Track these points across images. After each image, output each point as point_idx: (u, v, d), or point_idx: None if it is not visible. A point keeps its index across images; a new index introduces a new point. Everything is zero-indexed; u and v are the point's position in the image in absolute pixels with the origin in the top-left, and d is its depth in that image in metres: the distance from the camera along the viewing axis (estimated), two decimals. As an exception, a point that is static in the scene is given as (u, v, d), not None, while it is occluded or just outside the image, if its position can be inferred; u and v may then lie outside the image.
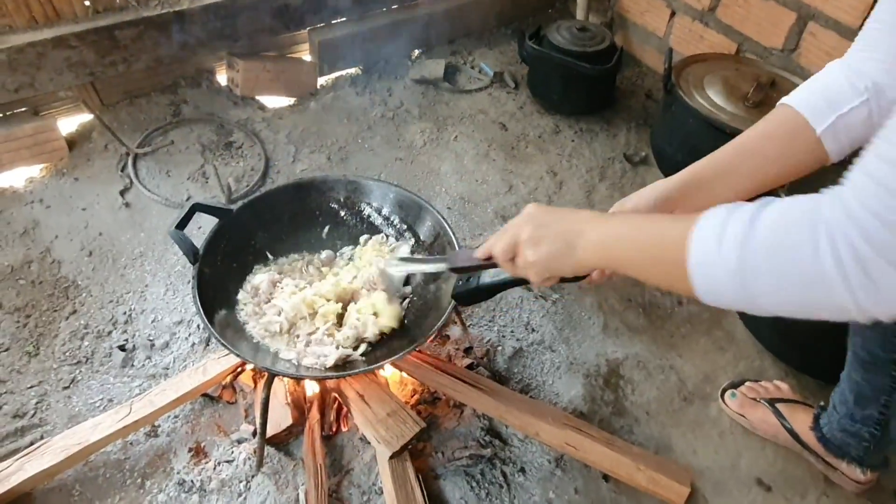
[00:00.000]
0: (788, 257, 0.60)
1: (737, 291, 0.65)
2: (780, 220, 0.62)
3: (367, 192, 1.51)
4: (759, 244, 0.62)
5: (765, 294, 0.63)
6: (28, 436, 1.39)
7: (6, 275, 1.68)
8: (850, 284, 0.56)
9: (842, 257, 0.56)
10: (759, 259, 0.62)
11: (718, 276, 0.66)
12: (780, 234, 0.61)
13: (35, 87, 1.88)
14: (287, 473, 1.36)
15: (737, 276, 0.63)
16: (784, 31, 2.10)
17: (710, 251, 0.66)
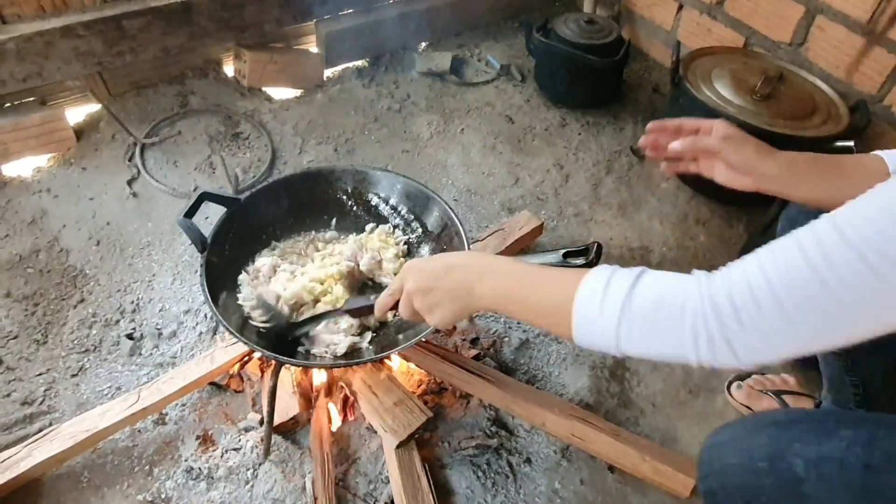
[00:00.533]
0: (659, 329, 0.72)
1: (611, 347, 0.76)
2: (654, 294, 0.73)
3: (374, 182, 1.51)
4: (635, 314, 0.73)
5: (633, 352, 0.75)
6: (36, 423, 1.40)
7: (14, 263, 1.69)
8: (701, 358, 0.70)
9: (699, 341, 0.69)
10: (633, 327, 0.73)
11: (598, 334, 0.76)
12: (654, 307, 0.72)
13: (43, 77, 1.89)
14: (294, 462, 1.36)
15: (612, 337, 0.75)
16: (792, 24, 2.09)
17: (592, 315, 0.76)
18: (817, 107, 1.87)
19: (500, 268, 0.89)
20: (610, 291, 0.75)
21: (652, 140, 1.14)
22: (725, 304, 0.67)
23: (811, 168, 1.03)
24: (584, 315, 0.77)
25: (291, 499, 1.31)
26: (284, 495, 1.31)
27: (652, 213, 2.02)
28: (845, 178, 1.01)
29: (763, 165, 1.03)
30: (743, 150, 1.04)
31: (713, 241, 1.95)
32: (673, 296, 0.71)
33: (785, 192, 1.04)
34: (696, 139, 1.08)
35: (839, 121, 1.84)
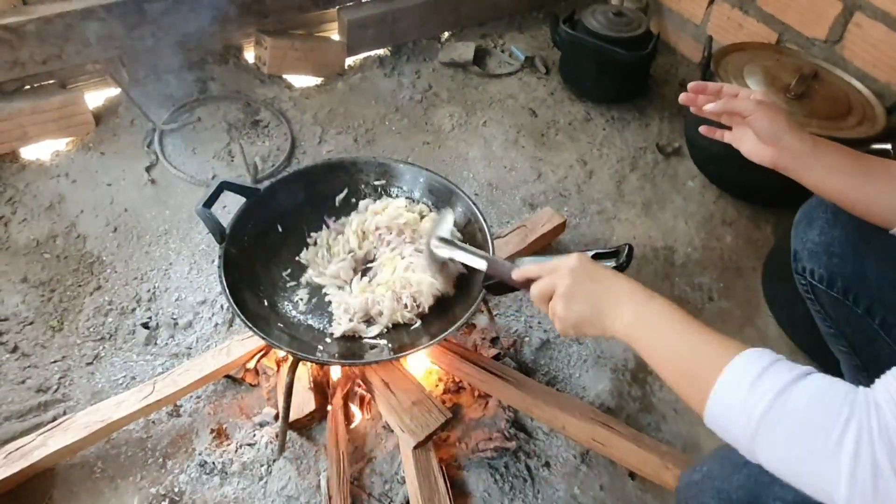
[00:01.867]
0: (810, 434, 0.62)
1: (745, 437, 0.66)
2: (817, 396, 0.63)
3: (397, 175, 1.48)
4: (788, 410, 0.63)
5: (768, 452, 0.65)
6: (51, 411, 1.39)
7: (31, 248, 1.67)
8: (854, 488, 0.58)
9: (860, 462, 0.58)
10: (782, 423, 0.63)
11: (735, 417, 0.67)
12: (812, 410, 0.63)
13: (63, 60, 1.86)
14: (309, 459, 1.34)
15: (753, 427, 0.65)
16: (828, 21, 2.03)
17: (738, 394, 0.67)
18: (852, 107, 1.81)
19: (657, 304, 0.83)
20: (768, 375, 0.66)
21: (690, 99, 1.12)
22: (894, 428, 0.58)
23: (836, 156, 1.00)
24: (725, 395, 0.69)
25: (306, 496, 1.29)
26: (299, 493, 1.29)
27: (677, 212, 1.97)
28: (871, 178, 0.98)
29: (789, 137, 1.01)
30: (774, 118, 1.02)
31: (740, 242, 1.90)
32: (839, 403, 0.62)
33: (803, 173, 1.02)
34: (730, 100, 1.06)
35: (875, 122, 1.78)
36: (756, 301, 1.76)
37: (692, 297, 1.75)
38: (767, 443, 0.65)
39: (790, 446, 0.63)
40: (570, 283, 0.89)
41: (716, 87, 1.10)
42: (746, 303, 1.76)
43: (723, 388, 0.69)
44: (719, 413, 0.69)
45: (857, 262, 1.13)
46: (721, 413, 0.69)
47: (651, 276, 1.79)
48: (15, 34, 1.74)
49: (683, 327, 0.78)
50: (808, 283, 1.21)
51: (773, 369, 0.66)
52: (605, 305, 0.86)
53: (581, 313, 0.88)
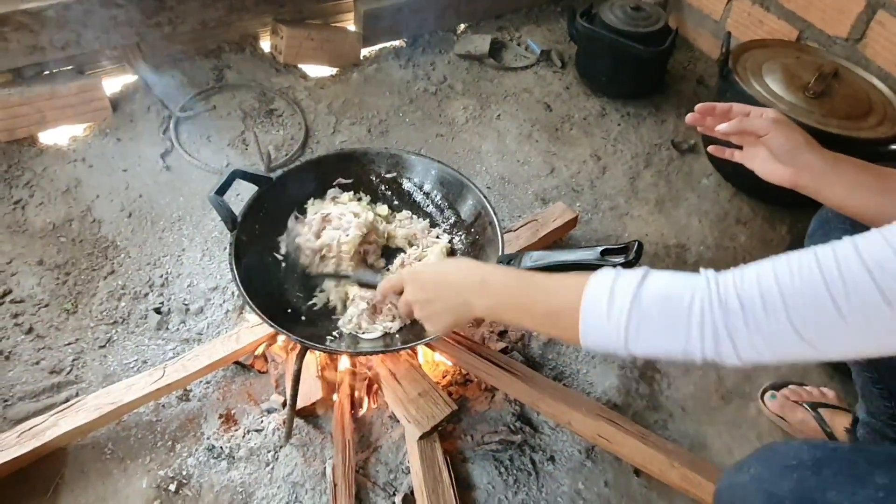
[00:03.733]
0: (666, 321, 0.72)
1: (619, 346, 0.75)
2: (661, 289, 0.74)
3: (409, 166, 1.48)
4: (643, 310, 0.73)
5: (641, 349, 0.75)
6: (63, 392, 1.41)
7: (48, 231, 1.70)
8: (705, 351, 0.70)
9: (704, 326, 0.69)
10: (642, 323, 0.73)
11: (606, 335, 0.76)
12: (661, 302, 0.73)
13: (81, 45, 1.88)
14: (315, 446, 1.35)
15: (622, 336, 0.74)
16: (850, 19, 2.00)
17: (600, 315, 0.76)
18: (873, 107, 1.79)
19: (497, 279, 0.90)
20: (617, 292, 0.75)
21: (698, 120, 1.12)
22: (734, 303, 0.68)
23: (854, 172, 0.99)
24: (591, 317, 0.77)
25: (311, 483, 1.30)
26: (304, 479, 1.30)
27: (691, 210, 1.96)
28: (886, 192, 0.96)
29: (807, 156, 1.00)
30: (790, 137, 1.01)
31: (754, 242, 1.88)
32: (681, 292, 0.72)
33: (821, 190, 1.00)
34: (745, 119, 1.04)
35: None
36: (768, 301, 1.74)
37: (703, 296, 1.74)
38: (636, 345, 0.74)
39: (654, 340, 0.73)
40: (413, 289, 0.98)
41: (724, 108, 1.08)
42: (758, 303, 1.74)
43: (586, 317, 0.77)
44: (592, 337, 0.77)
45: None
46: (593, 337, 0.77)
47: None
48: (35, 19, 1.76)
49: (532, 287, 0.86)
50: None
51: (618, 282, 0.75)
52: (459, 309, 0.92)
53: (445, 324, 0.97)
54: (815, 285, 0.65)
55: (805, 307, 0.65)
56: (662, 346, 0.73)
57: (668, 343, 0.73)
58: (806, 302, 0.65)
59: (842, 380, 1.55)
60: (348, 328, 1.27)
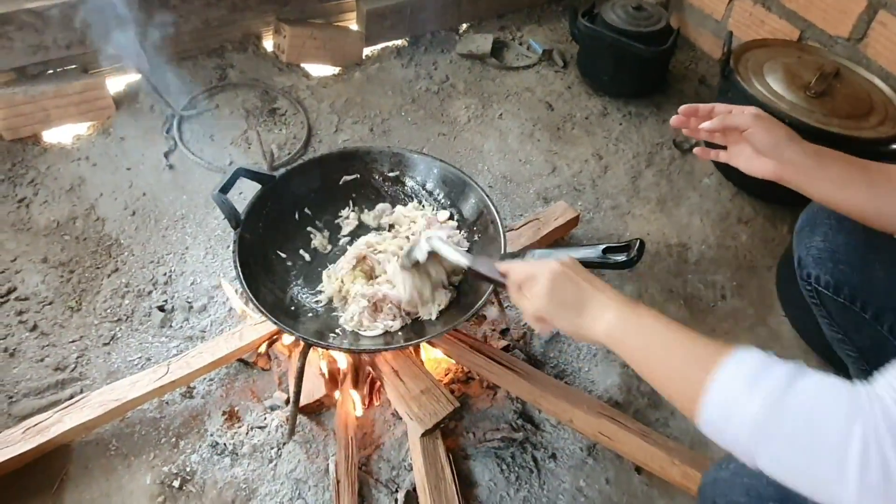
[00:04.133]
0: (815, 435, 0.59)
1: (743, 443, 0.64)
2: (819, 393, 0.61)
3: (411, 165, 1.49)
4: (791, 410, 0.61)
5: (770, 457, 0.62)
6: (68, 389, 1.42)
7: (52, 230, 1.71)
8: (862, 487, 0.56)
9: (869, 460, 0.55)
10: (783, 427, 0.61)
11: (734, 419, 0.64)
12: (816, 408, 0.60)
13: (85, 44, 1.89)
14: (318, 443, 1.36)
15: (755, 429, 0.62)
16: (852, 18, 2.00)
17: (733, 397, 0.64)
18: (874, 107, 1.79)
19: (639, 309, 0.80)
20: (767, 376, 0.64)
21: (682, 122, 1.13)
22: None
23: (837, 165, 1.00)
24: (719, 398, 0.66)
25: (314, 480, 1.31)
26: (307, 476, 1.31)
27: (692, 209, 1.96)
28: (871, 186, 0.98)
29: (789, 149, 1.00)
30: (772, 131, 1.01)
31: (755, 241, 1.89)
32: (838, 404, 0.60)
33: (805, 184, 1.01)
34: (727, 115, 1.06)
35: (897, 122, 1.76)
36: (770, 301, 1.75)
37: (705, 295, 1.75)
38: (769, 448, 0.62)
39: (794, 450, 0.61)
40: (559, 269, 0.86)
41: (707, 108, 1.09)
42: (760, 302, 1.75)
43: (717, 391, 0.66)
44: (714, 418, 0.67)
45: (863, 267, 1.13)
46: (716, 418, 0.66)
47: (664, 273, 1.78)
48: (39, 18, 1.77)
49: (670, 330, 0.76)
50: (814, 289, 1.21)
51: (767, 369, 0.64)
52: (587, 300, 0.83)
53: (562, 300, 0.85)
54: None
55: None
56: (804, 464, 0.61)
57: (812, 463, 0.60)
58: None
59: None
60: (350, 326, 1.28)
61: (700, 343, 0.72)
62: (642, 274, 1.76)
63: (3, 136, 1.87)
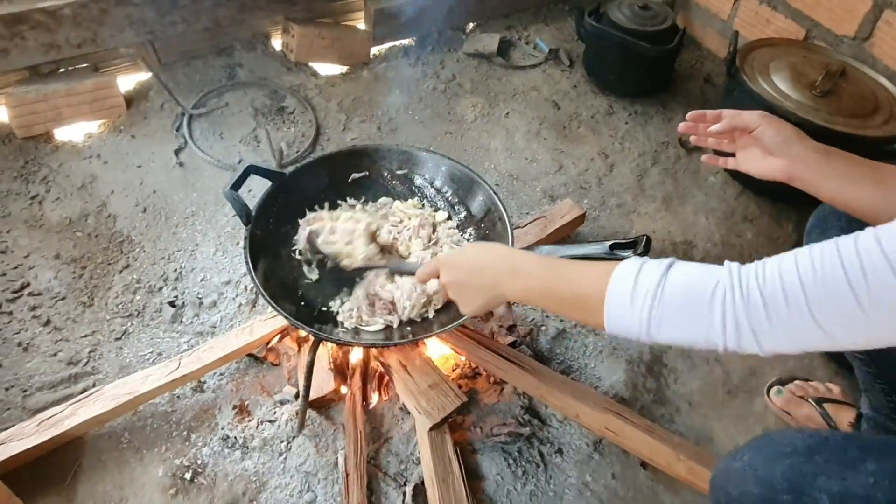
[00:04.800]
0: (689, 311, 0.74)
1: (642, 333, 0.78)
2: (684, 279, 0.76)
3: (419, 163, 1.50)
4: (666, 299, 0.75)
5: (664, 336, 0.77)
6: (81, 383, 1.44)
7: (64, 226, 1.73)
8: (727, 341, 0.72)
9: (727, 321, 0.71)
10: (665, 312, 0.75)
11: (630, 322, 0.78)
12: (685, 292, 0.75)
13: (97, 44, 1.91)
14: (327, 437, 1.38)
15: (645, 323, 0.77)
16: (858, 18, 2.01)
17: (624, 302, 0.78)
18: (880, 105, 1.80)
19: (528, 265, 0.92)
20: (641, 279, 0.77)
21: (690, 127, 1.15)
22: (756, 295, 0.70)
23: (846, 164, 1.01)
24: (615, 303, 0.79)
25: (323, 473, 1.32)
26: (317, 469, 1.33)
27: (698, 208, 1.97)
28: (881, 184, 0.98)
29: (798, 147, 1.02)
30: (780, 129, 1.04)
31: (761, 239, 1.89)
32: (704, 283, 0.74)
33: (814, 180, 1.02)
34: (735, 116, 1.08)
35: (903, 121, 1.76)
36: (774, 298, 1.76)
37: (710, 292, 1.76)
38: (659, 332, 0.76)
39: (676, 328, 0.75)
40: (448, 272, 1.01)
41: (714, 114, 1.11)
42: (765, 299, 1.75)
43: (610, 303, 0.79)
44: (616, 323, 0.80)
45: None
46: (617, 323, 0.79)
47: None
48: (52, 17, 1.79)
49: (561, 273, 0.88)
50: None
51: (643, 270, 0.78)
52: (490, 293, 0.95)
53: (476, 306, 0.99)
54: (836, 278, 0.66)
55: (826, 300, 0.66)
56: (684, 335, 0.75)
57: (689, 333, 0.74)
58: (827, 295, 0.66)
59: (847, 376, 1.56)
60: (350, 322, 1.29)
61: (590, 269, 0.85)
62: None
63: (16, 134, 1.89)
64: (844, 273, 0.65)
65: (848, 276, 0.65)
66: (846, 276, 0.65)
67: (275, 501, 1.29)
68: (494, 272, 0.94)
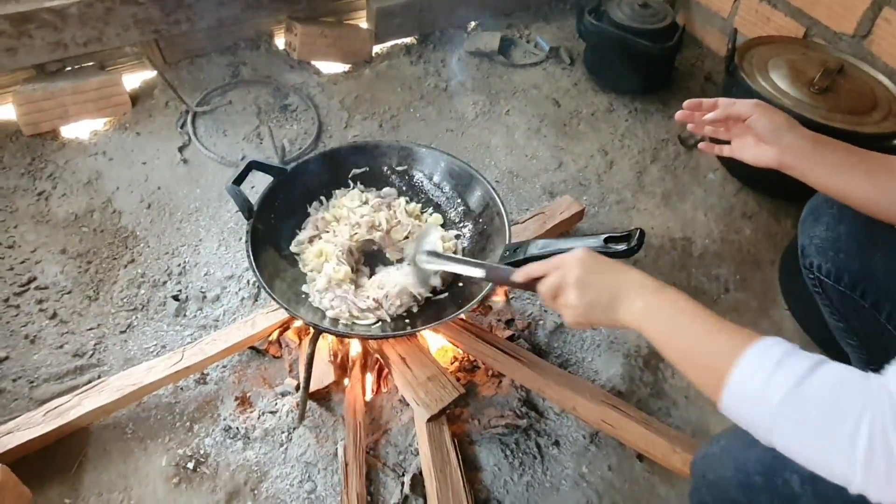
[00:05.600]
0: (827, 423, 0.63)
1: (762, 426, 0.68)
2: (833, 385, 0.64)
3: (419, 158, 1.52)
4: (806, 400, 0.64)
5: (786, 440, 0.67)
6: (86, 374, 1.47)
7: (70, 222, 1.76)
8: (869, 474, 0.60)
9: (875, 450, 0.59)
10: (799, 413, 0.65)
11: (752, 406, 0.68)
12: (828, 400, 0.64)
13: (102, 42, 1.94)
14: (327, 428, 1.40)
15: (771, 416, 0.66)
16: (857, 15, 2.01)
17: (754, 384, 0.68)
18: (878, 102, 1.81)
19: (663, 292, 0.84)
20: (782, 368, 0.67)
21: (686, 116, 1.18)
22: None
23: (836, 153, 1.03)
24: (741, 385, 0.70)
25: (323, 463, 1.35)
26: (317, 459, 1.35)
27: (697, 204, 1.99)
28: (871, 173, 1.00)
29: (790, 135, 1.04)
30: (773, 118, 1.06)
31: (759, 235, 1.91)
32: (852, 395, 0.63)
33: (805, 168, 1.04)
34: (730, 106, 1.10)
35: (901, 118, 1.77)
36: (773, 294, 1.78)
37: (708, 288, 1.77)
38: (785, 431, 0.66)
39: (807, 435, 0.64)
40: (581, 273, 0.89)
41: (710, 102, 1.14)
42: (763, 295, 1.77)
43: (739, 377, 0.69)
44: (736, 402, 0.70)
45: (863, 257, 1.15)
46: (738, 402, 0.70)
47: (668, 267, 1.81)
48: (59, 16, 1.82)
49: (696, 316, 0.79)
50: (816, 277, 1.23)
51: (789, 359, 0.67)
52: (617, 293, 0.86)
53: (592, 301, 0.87)
54: None
55: None
56: (814, 451, 0.65)
57: (822, 451, 0.64)
58: None
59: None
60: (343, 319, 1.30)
61: (726, 330, 0.75)
62: (646, 267, 1.79)
63: (23, 132, 1.92)
64: None
65: None
66: None
67: (276, 490, 1.31)
68: (629, 280, 0.86)
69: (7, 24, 1.77)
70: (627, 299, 0.85)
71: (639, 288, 0.85)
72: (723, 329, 0.76)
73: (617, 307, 0.86)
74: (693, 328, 0.78)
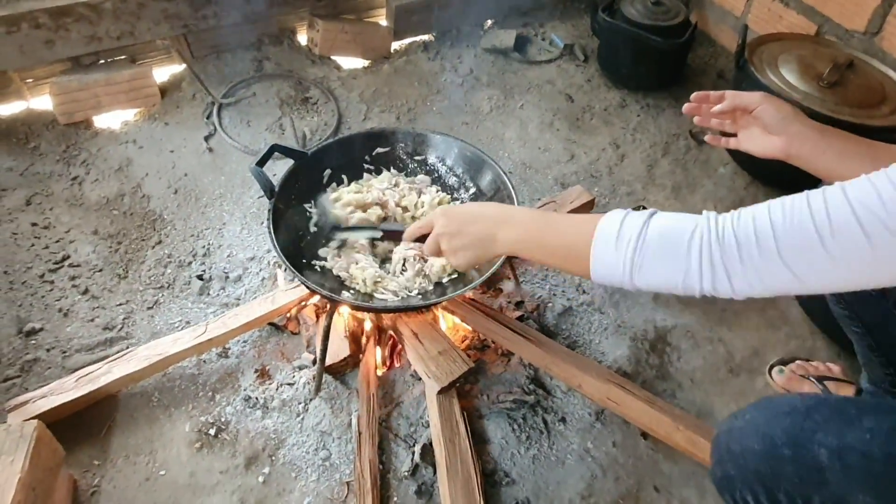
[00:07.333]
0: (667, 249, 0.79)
1: (625, 280, 0.83)
2: (665, 227, 0.80)
3: (432, 144, 1.59)
4: (647, 245, 0.80)
5: (645, 281, 0.82)
6: (115, 346, 1.54)
7: (102, 205, 1.84)
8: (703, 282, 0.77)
9: (703, 258, 0.76)
10: (646, 257, 0.80)
11: (614, 269, 0.84)
12: (663, 238, 0.80)
13: (135, 36, 2.04)
14: (342, 400, 1.46)
15: (628, 270, 0.82)
16: (868, 12, 2.04)
17: (609, 250, 0.83)
18: (887, 96, 1.83)
19: (521, 216, 0.97)
20: (625, 226, 0.82)
21: (694, 108, 1.21)
22: (730, 237, 0.74)
23: (842, 141, 1.05)
24: (600, 251, 0.84)
25: (338, 433, 1.41)
26: (331, 429, 1.41)
27: (706, 197, 2.02)
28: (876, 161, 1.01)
29: (796, 124, 1.07)
30: (780, 108, 1.09)
31: (767, 226, 1.93)
32: (683, 227, 0.78)
33: (811, 159, 1.07)
34: (737, 96, 1.14)
35: (910, 112, 1.80)
36: (779, 283, 1.80)
37: (715, 276, 1.80)
38: (640, 277, 0.81)
39: (657, 272, 0.80)
40: (445, 222, 1.03)
41: (717, 94, 1.17)
42: (769, 284, 1.79)
43: (596, 251, 0.84)
44: (601, 270, 0.85)
45: None
46: (602, 270, 0.85)
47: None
48: (94, 11, 1.92)
49: (547, 228, 0.93)
50: None
51: (627, 219, 0.83)
52: (485, 241, 0.99)
53: (469, 257, 1.02)
54: (804, 224, 0.70)
55: (795, 244, 0.71)
56: (664, 278, 0.80)
57: (669, 275, 0.79)
58: (796, 239, 0.71)
59: (847, 357, 1.60)
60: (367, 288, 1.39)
61: (576, 221, 0.91)
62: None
63: (59, 121, 2.02)
64: (812, 217, 0.70)
65: (815, 220, 0.70)
66: (813, 220, 0.70)
67: (292, 457, 1.37)
68: (488, 222, 0.99)
69: (46, 17, 1.87)
70: (494, 243, 0.98)
71: (499, 227, 0.98)
72: (574, 221, 0.91)
73: (489, 251, 1.00)
74: (554, 230, 0.92)
